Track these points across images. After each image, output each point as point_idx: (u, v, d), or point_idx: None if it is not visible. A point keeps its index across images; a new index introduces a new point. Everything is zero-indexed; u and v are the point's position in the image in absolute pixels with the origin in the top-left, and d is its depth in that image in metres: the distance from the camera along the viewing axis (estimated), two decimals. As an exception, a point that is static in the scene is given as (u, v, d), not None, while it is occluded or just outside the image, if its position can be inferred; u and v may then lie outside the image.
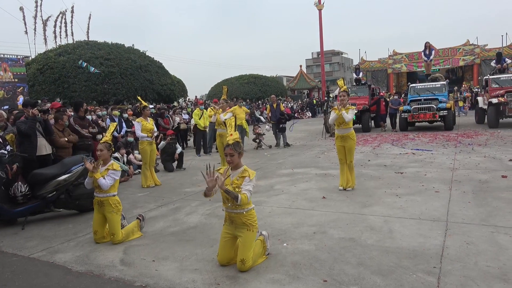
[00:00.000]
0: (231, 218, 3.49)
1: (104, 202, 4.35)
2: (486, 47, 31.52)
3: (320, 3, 30.66)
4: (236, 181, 3.47)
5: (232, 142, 3.51)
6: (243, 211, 3.42)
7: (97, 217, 4.39)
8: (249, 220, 3.43)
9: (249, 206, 3.46)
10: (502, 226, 4.03)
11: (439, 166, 7.47)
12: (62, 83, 19.57)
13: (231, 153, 3.48)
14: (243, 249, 3.36)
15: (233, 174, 3.53)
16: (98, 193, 4.37)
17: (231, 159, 3.49)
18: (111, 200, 4.36)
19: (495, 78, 14.95)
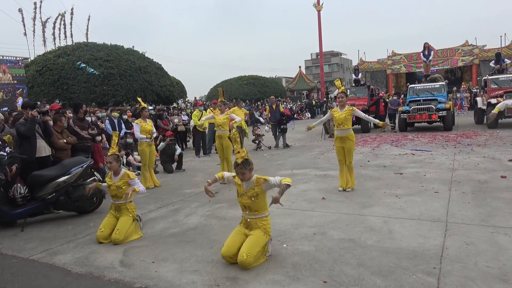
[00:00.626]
0: (247, 223, 3.66)
1: (122, 207, 4.63)
2: (485, 48, 31.52)
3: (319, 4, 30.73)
4: (251, 190, 3.57)
5: (240, 161, 3.56)
6: (261, 216, 3.60)
7: (109, 219, 4.59)
8: (264, 226, 3.60)
9: (265, 213, 3.64)
10: (501, 227, 4.03)
11: (438, 167, 7.48)
12: (61, 84, 19.56)
13: (242, 172, 3.57)
14: (250, 245, 3.43)
15: (247, 184, 3.63)
16: (116, 201, 4.64)
17: (243, 176, 3.60)
18: (129, 205, 4.65)
19: (494, 78, 14.97)
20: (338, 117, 6.04)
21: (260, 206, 3.61)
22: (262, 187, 3.56)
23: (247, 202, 3.60)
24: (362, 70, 30.37)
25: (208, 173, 8.66)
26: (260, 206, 3.61)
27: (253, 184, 3.57)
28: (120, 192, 4.56)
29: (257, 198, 3.56)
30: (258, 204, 3.60)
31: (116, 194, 4.60)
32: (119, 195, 4.59)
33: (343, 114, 5.98)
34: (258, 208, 3.61)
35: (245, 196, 3.60)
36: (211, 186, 3.93)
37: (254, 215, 3.62)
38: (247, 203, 3.61)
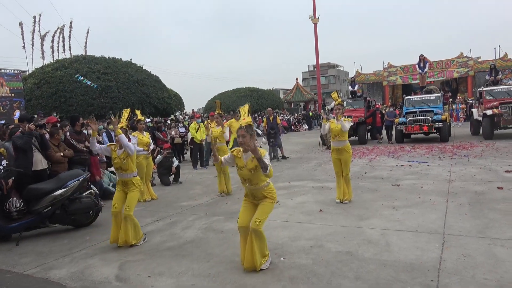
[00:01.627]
0: (253, 193, 3.71)
1: (128, 182, 4.80)
2: (480, 60, 31.91)
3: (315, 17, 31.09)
4: (250, 162, 3.58)
5: (244, 125, 3.64)
6: (264, 186, 3.64)
7: (118, 194, 4.83)
8: (269, 194, 3.67)
9: (266, 183, 3.65)
10: (498, 238, 4.03)
11: (435, 178, 7.49)
12: (59, 97, 19.59)
13: (243, 135, 3.59)
14: (261, 212, 3.60)
15: (246, 156, 3.66)
16: (122, 174, 4.80)
17: (243, 140, 3.59)
18: (134, 180, 4.82)
19: (489, 90, 15.11)
20: (334, 129, 6.07)
21: (260, 178, 3.60)
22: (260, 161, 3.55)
23: (247, 175, 3.61)
24: (358, 82, 30.59)
25: (206, 185, 8.64)
26: (260, 178, 3.60)
27: (252, 156, 3.54)
28: (124, 164, 4.72)
29: (256, 171, 3.55)
30: (258, 177, 3.59)
31: (121, 166, 4.74)
32: (124, 167, 4.74)
33: (339, 126, 6.02)
34: (258, 181, 3.62)
35: (245, 169, 3.61)
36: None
37: (256, 187, 3.64)
38: (247, 176, 3.61)
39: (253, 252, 3.56)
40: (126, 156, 4.75)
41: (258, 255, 3.58)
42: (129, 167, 4.77)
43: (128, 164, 4.75)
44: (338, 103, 6.17)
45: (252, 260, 3.58)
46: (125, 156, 4.74)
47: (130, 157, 4.77)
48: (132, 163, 4.82)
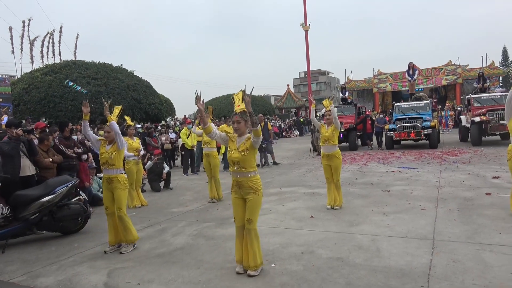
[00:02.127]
0: (238, 184, 3.72)
1: (113, 179, 4.67)
2: (468, 67, 32.45)
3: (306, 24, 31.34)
4: (242, 145, 3.66)
5: (239, 111, 3.71)
6: (251, 174, 3.65)
7: (106, 194, 4.77)
8: (255, 184, 3.67)
9: (253, 171, 3.68)
10: (487, 244, 4.07)
11: (425, 184, 7.56)
12: (48, 102, 19.37)
13: (237, 121, 3.69)
14: (251, 210, 3.65)
15: (240, 140, 3.73)
16: (107, 170, 4.68)
17: (238, 126, 3.70)
18: (120, 177, 4.70)
19: (477, 97, 15.36)
20: (324, 133, 6.10)
21: (249, 162, 3.65)
22: (251, 143, 3.62)
23: (237, 157, 3.64)
24: (349, 89, 30.88)
25: (196, 191, 8.60)
26: (248, 162, 3.64)
27: (245, 139, 3.67)
28: (112, 159, 4.65)
29: (247, 152, 3.61)
30: (247, 160, 3.63)
31: (108, 161, 4.66)
32: (111, 162, 4.66)
33: (329, 130, 6.06)
34: (246, 165, 3.64)
35: (236, 152, 3.66)
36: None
37: (242, 172, 3.65)
38: (237, 158, 3.64)
39: (248, 252, 3.65)
40: (114, 150, 4.68)
41: (252, 255, 3.62)
42: (116, 162, 4.68)
43: (115, 159, 4.67)
44: (328, 109, 6.21)
45: (253, 260, 3.63)
46: (113, 151, 4.68)
47: (118, 151, 4.70)
48: (119, 158, 4.73)
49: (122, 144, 4.74)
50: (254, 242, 3.66)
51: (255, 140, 3.59)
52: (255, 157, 3.76)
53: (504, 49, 64.65)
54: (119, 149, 4.73)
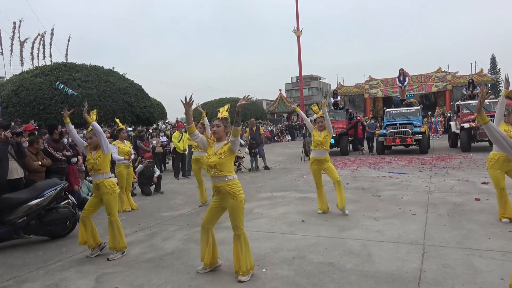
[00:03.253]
0: (217, 189, 3.70)
1: (100, 184, 4.57)
2: (457, 74, 32.90)
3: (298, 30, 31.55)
4: (220, 149, 3.67)
5: (221, 117, 3.79)
6: (226, 178, 3.63)
7: (92, 199, 4.72)
8: (233, 189, 3.63)
9: (230, 175, 3.66)
10: (477, 249, 4.10)
11: (415, 189, 7.61)
12: (38, 104, 19.16)
13: (217, 124, 3.75)
14: (233, 217, 3.66)
15: (218, 145, 3.74)
16: (94, 176, 4.60)
17: (217, 129, 3.73)
18: (106, 182, 4.59)
19: (466, 104, 15.55)
20: (317, 137, 6.06)
21: (226, 166, 3.64)
22: (229, 146, 3.65)
23: (214, 160, 3.63)
24: (340, 94, 31.04)
25: (187, 195, 8.54)
26: (225, 166, 3.64)
27: (223, 144, 3.70)
28: (97, 164, 4.56)
29: (224, 156, 3.62)
30: (224, 163, 3.62)
31: (93, 166, 4.57)
32: (96, 167, 4.57)
33: (322, 135, 6.05)
34: (223, 168, 3.63)
35: (213, 156, 3.66)
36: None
37: (219, 176, 3.64)
38: (214, 161, 3.63)
39: (238, 257, 3.64)
40: (99, 156, 4.59)
41: (244, 260, 3.62)
42: (102, 167, 4.57)
43: (100, 164, 4.57)
44: (320, 115, 6.21)
45: (238, 265, 3.64)
46: (98, 156, 4.59)
47: (103, 156, 4.60)
48: (105, 162, 4.63)
49: (107, 147, 4.63)
50: (243, 247, 3.66)
51: (232, 139, 3.60)
52: (232, 162, 3.75)
53: (493, 57, 65.71)
54: (104, 153, 4.61)
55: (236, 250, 3.68)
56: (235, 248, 3.70)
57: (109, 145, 4.75)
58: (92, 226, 4.66)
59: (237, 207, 3.65)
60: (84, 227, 4.62)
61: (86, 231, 4.62)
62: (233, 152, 3.68)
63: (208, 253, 3.82)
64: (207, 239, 3.83)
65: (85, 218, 4.63)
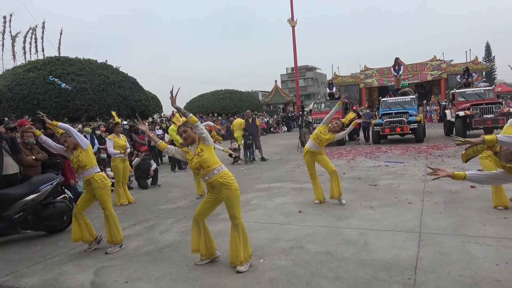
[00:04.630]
0: (211, 184, 3.73)
1: (91, 180, 4.53)
2: (452, 63, 32.93)
3: (293, 20, 31.35)
4: (196, 149, 3.72)
5: (182, 123, 3.84)
6: (215, 171, 3.67)
7: (84, 195, 4.67)
8: (225, 180, 3.67)
9: (218, 166, 3.71)
10: (472, 236, 4.14)
11: (411, 178, 7.65)
12: (31, 99, 18.97)
13: (184, 130, 3.79)
14: (229, 206, 3.68)
15: (192, 148, 3.79)
16: (82, 173, 4.56)
17: (186, 134, 3.78)
18: (96, 176, 4.54)
19: (461, 92, 15.59)
20: (321, 135, 5.98)
21: (210, 160, 3.68)
22: (201, 141, 3.70)
23: (197, 161, 3.67)
24: (336, 84, 31.01)
25: (184, 188, 8.54)
26: (210, 160, 3.67)
27: (197, 144, 3.76)
28: (81, 161, 4.51)
29: (203, 152, 3.66)
30: (207, 159, 3.66)
31: (79, 165, 4.52)
32: (81, 165, 4.52)
33: (328, 136, 6.02)
34: (209, 163, 3.67)
35: (194, 158, 3.69)
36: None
37: (209, 172, 3.67)
38: (197, 162, 3.67)
39: (236, 246, 3.67)
40: (80, 153, 4.53)
41: (242, 249, 3.65)
42: (86, 163, 4.51)
43: (84, 160, 4.50)
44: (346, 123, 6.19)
45: (236, 255, 3.66)
46: (79, 153, 4.53)
47: (84, 151, 4.54)
48: (88, 157, 4.57)
49: (83, 142, 4.58)
50: (241, 237, 3.68)
51: (196, 130, 3.63)
52: (213, 152, 3.76)
53: (487, 45, 65.84)
54: (84, 149, 4.56)
55: (233, 239, 3.70)
56: (232, 238, 3.72)
57: (85, 139, 4.68)
58: (85, 220, 4.64)
59: (232, 196, 3.67)
60: (77, 223, 4.59)
61: (79, 226, 4.58)
62: (208, 143, 3.71)
63: (203, 244, 3.83)
64: (199, 230, 3.86)
65: (78, 213, 4.60)
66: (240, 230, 3.69)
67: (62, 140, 4.63)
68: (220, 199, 3.75)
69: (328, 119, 6.12)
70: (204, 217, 3.89)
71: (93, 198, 4.66)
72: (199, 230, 3.86)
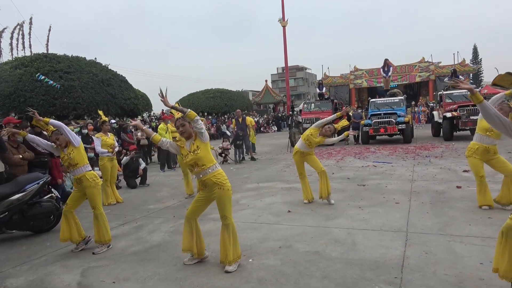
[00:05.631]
0: (203, 183, 3.71)
1: (82, 178, 4.47)
2: (440, 64, 33.36)
3: (284, 20, 31.40)
4: (192, 146, 3.69)
5: (179, 116, 3.75)
6: (209, 170, 3.65)
7: (74, 193, 4.60)
8: (218, 179, 3.66)
9: (213, 165, 3.69)
10: (458, 235, 4.20)
11: (399, 178, 7.73)
12: (18, 97, 18.65)
13: (181, 124, 3.72)
14: (221, 206, 3.68)
15: (188, 143, 3.75)
16: (73, 171, 4.49)
17: (183, 128, 3.72)
18: (88, 175, 4.50)
19: (448, 93, 15.80)
20: (312, 138, 5.99)
21: (206, 158, 3.66)
22: (198, 137, 3.67)
23: (192, 159, 3.64)
24: (326, 85, 31.15)
25: (173, 187, 8.51)
26: (205, 158, 3.65)
27: (193, 140, 3.71)
28: (72, 159, 4.45)
29: (199, 150, 3.63)
30: (202, 157, 3.63)
31: (70, 162, 4.46)
32: (72, 163, 4.46)
33: (318, 139, 6.05)
34: (204, 161, 3.65)
35: (189, 154, 3.66)
36: None
37: (204, 171, 3.65)
38: (192, 159, 3.64)
39: (226, 246, 3.67)
40: (72, 150, 4.46)
41: (232, 249, 3.65)
42: (78, 161, 4.45)
43: (75, 157, 4.44)
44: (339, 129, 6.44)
45: (225, 255, 3.67)
46: (71, 151, 4.46)
47: (76, 149, 4.48)
48: (80, 155, 4.51)
49: (76, 139, 4.52)
50: (231, 237, 3.68)
51: (194, 125, 3.60)
52: (209, 151, 3.76)
53: (475, 48, 66.91)
54: (76, 146, 4.50)
55: (223, 240, 3.70)
56: (222, 238, 3.72)
57: (77, 136, 4.63)
58: (75, 220, 4.59)
59: (225, 196, 3.67)
60: (67, 222, 4.53)
61: (68, 226, 4.52)
62: (205, 141, 3.69)
63: (195, 243, 3.83)
64: (191, 230, 3.85)
65: (68, 213, 4.54)
66: (231, 230, 3.69)
67: (54, 137, 4.54)
68: (212, 198, 3.74)
69: (323, 123, 6.11)
70: (196, 216, 3.88)
71: (84, 197, 4.61)
72: (191, 230, 3.85)
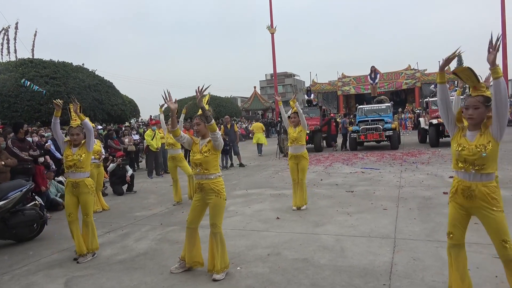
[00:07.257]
0: (201, 186, 3.69)
1: (80, 183, 4.41)
2: (426, 72, 33.94)
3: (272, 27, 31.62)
4: (204, 147, 3.67)
5: (199, 114, 3.73)
6: (211, 176, 3.63)
7: (70, 200, 4.46)
8: (217, 187, 3.65)
9: (216, 173, 3.67)
10: (445, 241, 4.17)
11: (386, 184, 7.78)
12: (2, 102, 18.30)
13: (197, 123, 3.74)
14: (214, 214, 3.64)
15: (202, 142, 3.75)
16: (74, 174, 4.40)
17: (198, 127, 3.74)
18: (87, 181, 4.46)
19: (434, 100, 16.04)
20: (292, 134, 6.14)
21: (211, 164, 3.64)
22: (212, 144, 3.64)
23: (199, 159, 3.63)
24: (314, 91, 31.38)
25: (161, 194, 8.41)
26: (211, 164, 3.64)
27: (207, 141, 3.70)
28: (80, 162, 4.37)
29: (209, 154, 3.62)
30: (209, 162, 3.62)
31: (76, 164, 4.36)
32: (79, 165, 4.38)
33: (297, 130, 6.11)
34: (209, 166, 3.63)
35: (198, 153, 3.65)
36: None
37: (205, 175, 3.63)
38: (199, 159, 3.63)
39: (213, 255, 3.65)
40: (84, 153, 4.41)
41: (220, 258, 3.61)
42: (85, 165, 4.42)
43: (84, 162, 4.40)
44: (294, 111, 6.25)
45: (213, 263, 3.64)
46: (82, 153, 4.40)
47: (87, 154, 4.45)
48: (88, 160, 4.50)
49: (91, 146, 4.51)
50: (219, 246, 3.64)
51: (212, 136, 3.57)
52: (217, 159, 3.74)
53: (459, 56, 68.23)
54: (88, 151, 4.48)
55: (211, 248, 3.66)
56: (210, 246, 3.68)
57: (93, 143, 4.61)
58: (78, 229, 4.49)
59: (219, 204, 3.65)
60: (77, 232, 4.43)
61: (78, 235, 4.42)
62: (217, 149, 3.67)
63: (191, 252, 3.78)
64: (194, 240, 3.79)
65: (72, 224, 4.45)
66: (219, 239, 3.65)
67: (75, 132, 4.47)
68: (207, 203, 3.70)
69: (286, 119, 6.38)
70: (197, 225, 3.82)
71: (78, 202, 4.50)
72: (194, 241, 3.79)
